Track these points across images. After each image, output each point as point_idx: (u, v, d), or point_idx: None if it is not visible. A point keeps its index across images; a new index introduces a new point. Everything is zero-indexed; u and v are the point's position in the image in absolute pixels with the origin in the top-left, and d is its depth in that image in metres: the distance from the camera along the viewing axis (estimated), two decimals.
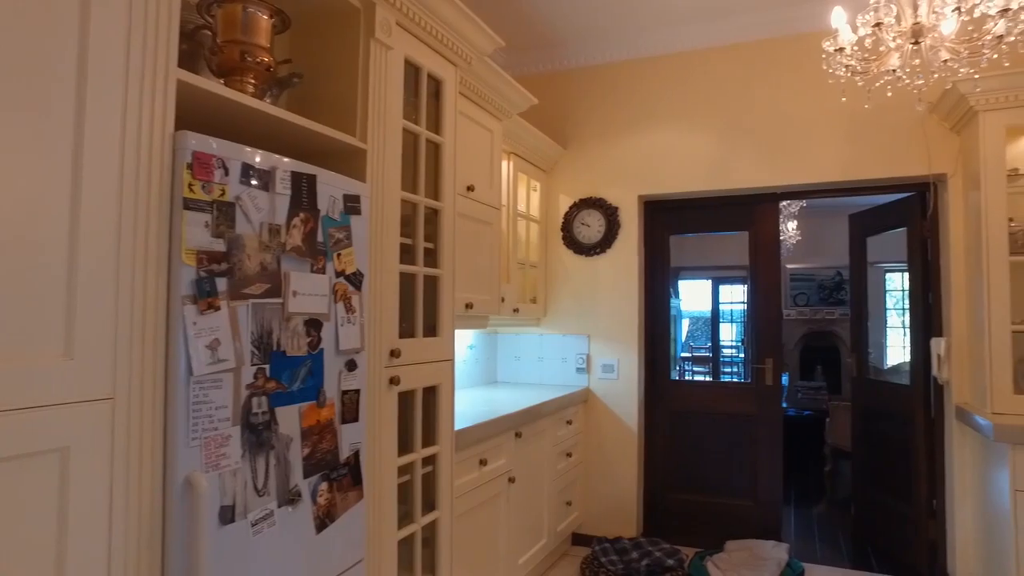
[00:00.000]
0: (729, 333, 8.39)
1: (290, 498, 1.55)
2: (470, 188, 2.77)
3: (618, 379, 3.89)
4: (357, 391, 1.83)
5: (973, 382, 3.10)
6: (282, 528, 1.52)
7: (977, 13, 1.93)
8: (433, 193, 2.32)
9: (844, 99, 2.48)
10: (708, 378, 8.14)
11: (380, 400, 1.99)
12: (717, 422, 3.92)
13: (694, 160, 3.78)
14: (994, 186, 2.87)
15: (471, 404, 3.18)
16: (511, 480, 2.89)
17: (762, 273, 3.90)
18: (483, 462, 2.66)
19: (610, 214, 3.90)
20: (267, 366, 1.50)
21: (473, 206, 2.84)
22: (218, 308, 1.37)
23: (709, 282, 8.05)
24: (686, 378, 8.08)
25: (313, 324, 1.66)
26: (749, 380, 3.95)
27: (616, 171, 3.95)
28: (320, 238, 1.69)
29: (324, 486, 1.68)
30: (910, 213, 3.67)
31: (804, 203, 6.34)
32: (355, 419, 1.82)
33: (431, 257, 2.31)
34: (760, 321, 3.92)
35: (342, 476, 1.76)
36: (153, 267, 1.26)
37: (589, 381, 3.95)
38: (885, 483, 3.90)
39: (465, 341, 3.78)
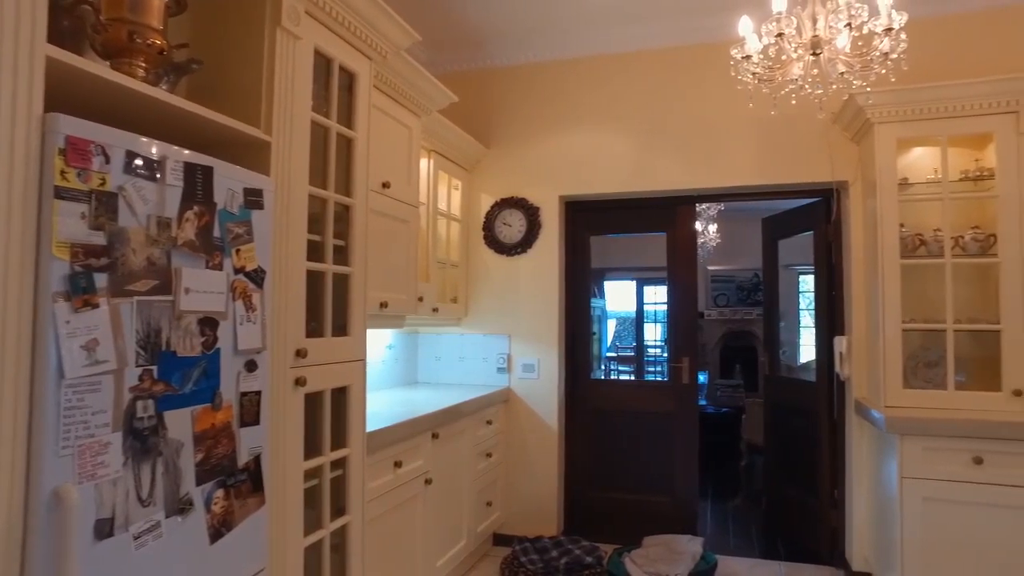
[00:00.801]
0: (653, 333, 8.61)
1: (180, 507, 1.46)
2: (386, 185, 2.72)
3: (539, 379, 3.91)
4: (258, 393, 1.76)
5: (870, 378, 3.28)
6: (170, 539, 1.43)
7: (866, 30, 2.04)
8: (344, 189, 2.26)
9: (751, 105, 2.56)
10: (633, 377, 8.31)
11: (285, 402, 1.92)
12: (636, 420, 4.00)
13: (614, 162, 3.84)
14: (887, 194, 3.04)
15: (389, 405, 3.12)
16: (428, 482, 2.85)
17: (680, 273, 4.00)
18: (398, 464, 2.61)
19: (531, 214, 3.91)
20: (155, 367, 1.41)
21: (389, 203, 2.78)
22: (96, 305, 1.28)
23: (634, 283, 8.23)
24: (612, 377, 8.24)
25: (208, 323, 1.58)
26: (667, 379, 4.05)
27: (538, 171, 3.97)
28: (217, 233, 1.61)
29: (220, 493, 1.60)
30: (816, 217, 3.85)
31: (722, 206, 6.56)
32: (256, 422, 1.75)
33: (342, 255, 2.24)
34: (677, 320, 4.02)
35: (241, 482, 1.68)
36: (16, 261, 1.16)
37: (510, 381, 3.95)
38: (793, 476, 4.08)
39: (383, 341, 3.71)
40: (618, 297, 8.62)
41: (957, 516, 2.69)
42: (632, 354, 8.58)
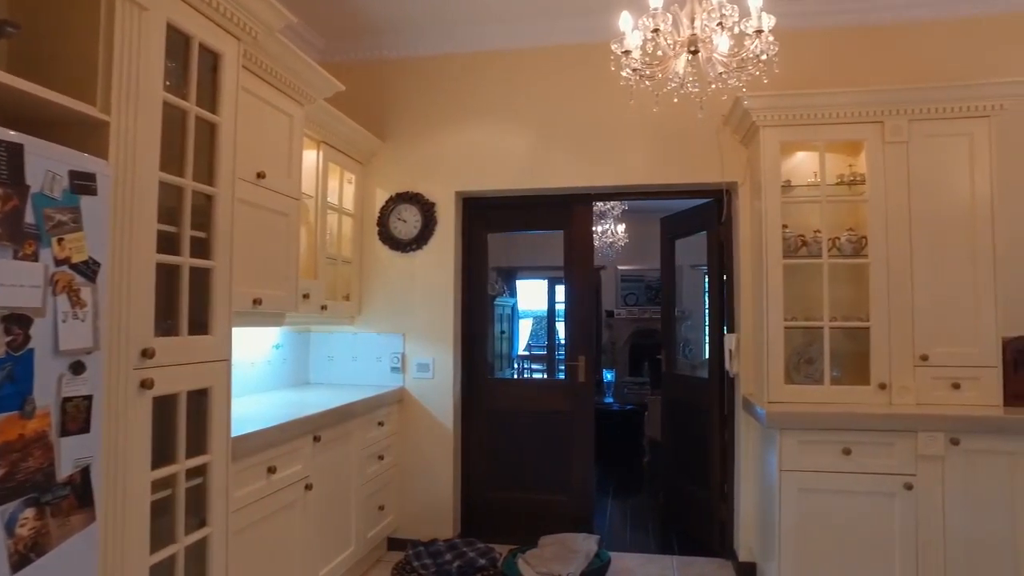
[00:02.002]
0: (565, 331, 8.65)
1: None
2: (260, 175, 2.56)
3: (434, 378, 3.81)
4: (88, 397, 1.59)
5: (756, 374, 3.37)
6: None
7: (737, 31, 2.06)
8: (206, 178, 2.09)
9: (632, 102, 2.57)
10: (545, 376, 8.35)
11: (126, 406, 1.75)
12: (534, 420, 3.97)
13: (511, 158, 3.79)
14: (772, 195, 3.13)
15: (272, 407, 2.96)
16: (308, 487, 2.71)
17: (577, 272, 4.00)
18: (272, 470, 2.46)
19: (427, 210, 3.82)
20: None
21: (265, 194, 2.62)
22: None
23: (545, 282, 8.26)
24: (525, 376, 8.25)
25: (17, 320, 1.40)
26: (565, 377, 4.04)
27: (434, 166, 3.87)
28: (31, 219, 1.43)
29: (29, 513, 1.42)
30: (709, 218, 3.94)
31: (625, 206, 6.66)
32: (84, 430, 1.57)
33: (203, 248, 2.08)
34: (575, 319, 4.03)
35: (60, 498, 1.50)
36: None
37: (404, 381, 3.84)
38: (688, 471, 4.17)
39: (270, 340, 3.52)
40: (531, 296, 8.64)
41: (827, 504, 2.80)
42: (543, 352, 8.62)
